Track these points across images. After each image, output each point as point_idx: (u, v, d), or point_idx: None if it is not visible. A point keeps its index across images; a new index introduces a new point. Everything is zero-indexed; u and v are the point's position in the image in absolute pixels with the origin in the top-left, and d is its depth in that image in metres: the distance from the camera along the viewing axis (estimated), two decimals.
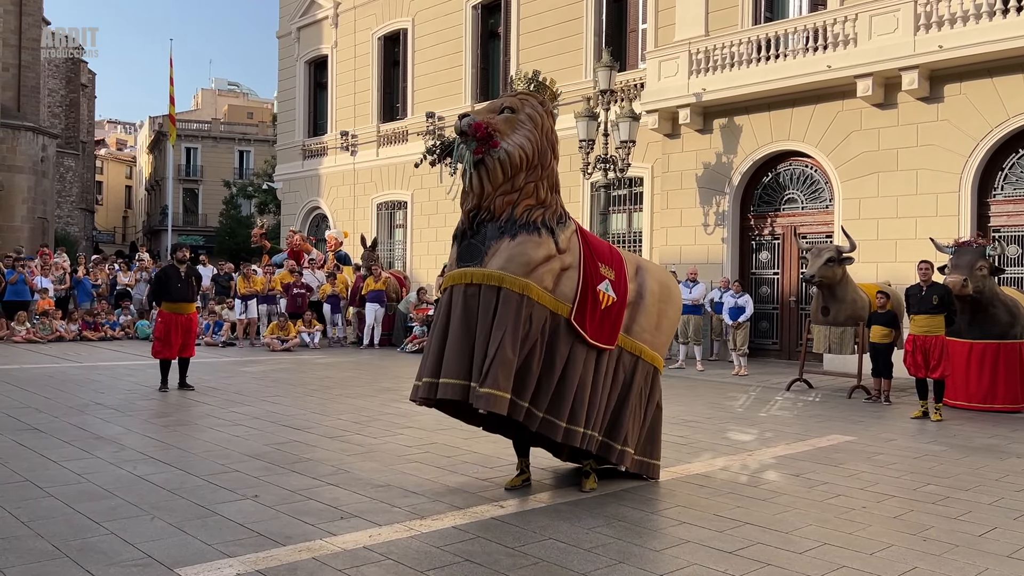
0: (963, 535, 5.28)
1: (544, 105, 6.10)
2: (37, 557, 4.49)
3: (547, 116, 6.07)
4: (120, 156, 77.52)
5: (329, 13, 26.57)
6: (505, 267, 5.61)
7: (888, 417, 10.09)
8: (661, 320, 6.48)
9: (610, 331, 6.02)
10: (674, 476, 6.71)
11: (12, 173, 32.47)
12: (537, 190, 5.85)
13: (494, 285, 5.58)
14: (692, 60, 16.23)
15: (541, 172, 5.89)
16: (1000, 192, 13.51)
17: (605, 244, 6.44)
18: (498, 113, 5.92)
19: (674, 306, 6.69)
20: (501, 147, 5.68)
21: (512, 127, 5.85)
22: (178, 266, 11.04)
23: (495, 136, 5.69)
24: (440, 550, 4.77)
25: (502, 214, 5.74)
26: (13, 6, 33.26)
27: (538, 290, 5.65)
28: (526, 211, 5.77)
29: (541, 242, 5.73)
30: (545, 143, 5.95)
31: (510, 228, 5.72)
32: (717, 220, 16.63)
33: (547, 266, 5.75)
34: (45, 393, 10.27)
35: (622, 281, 6.18)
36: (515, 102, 5.99)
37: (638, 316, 6.28)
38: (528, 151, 5.78)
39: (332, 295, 18.64)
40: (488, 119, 5.80)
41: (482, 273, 5.64)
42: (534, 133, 5.88)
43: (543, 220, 5.80)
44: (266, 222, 27.12)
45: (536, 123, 5.94)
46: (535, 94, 6.12)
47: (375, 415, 9.32)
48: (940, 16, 13.25)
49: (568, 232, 5.98)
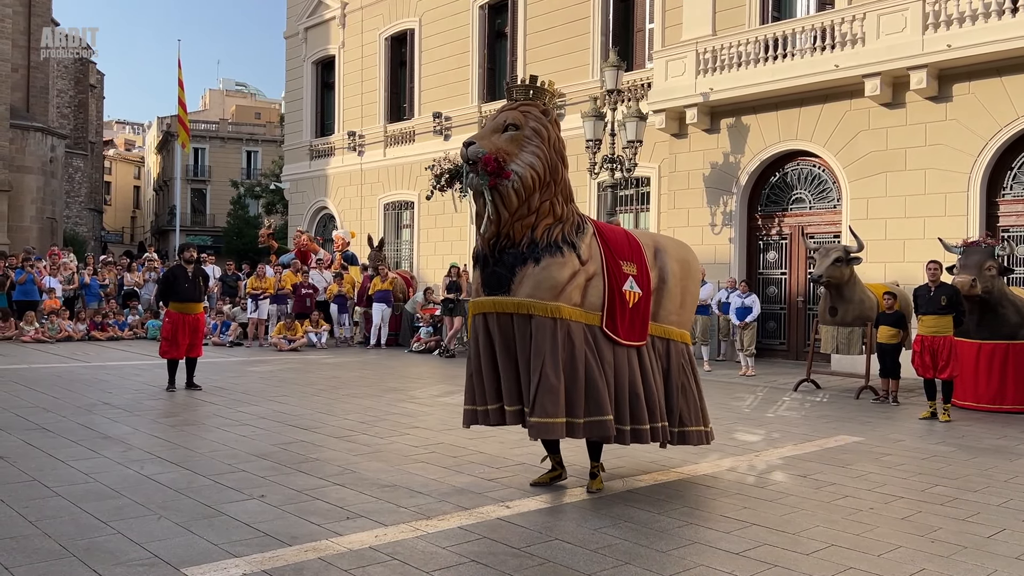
0: (972, 536, 5.25)
1: (547, 114, 5.97)
2: (44, 556, 4.50)
3: (552, 125, 5.95)
4: (128, 156, 77.76)
5: (336, 13, 26.60)
6: (534, 294, 5.66)
7: (896, 418, 10.05)
8: (685, 297, 6.58)
9: (641, 327, 6.13)
10: (681, 477, 6.69)
11: (21, 173, 32.58)
12: (553, 207, 5.80)
13: (525, 314, 5.66)
14: (699, 60, 16.19)
15: (555, 188, 5.82)
16: (1009, 192, 13.44)
17: (622, 234, 6.39)
18: (502, 132, 5.80)
19: (694, 280, 6.78)
20: (513, 175, 5.63)
21: (519, 145, 5.75)
22: (186, 266, 11.07)
23: (506, 167, 5.63)
24: (446, 550, 4.76)
25: (522, 239, 5.73)
26: (22, 7, 33.39)
27: (569, 309, 5.72)
28: (545, 231, 5.74)
29: (565, 262, 5.73)
30: (554, 156, 5.85)
31: (532, 253, 5.71)
32: (724, 220, 16.59)
33: (574, 283, 5.77)
34: (53, 393, 10.31)
35: (644, 273, 6.20)
36: (518, 117, 5.85)
37: (663, 301, 6.36)
38: (539, 170, 5.71)
39: (339, 295, 18.68)
40: (495, 145, 5.69)
41: (513, 303, 5.71)
42: (542, 148, 5.78)
43: (563, 237, 5.78)
44: (273, 222, 27.17)
45: (543, 136, 5.83)
46: (536, 103, 5.98)
47: (382, 415, 9.32)
48: (948, 15, 13.19)
49: (587, 239, 5.97)
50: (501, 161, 5.62)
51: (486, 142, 5.70)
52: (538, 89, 6.08)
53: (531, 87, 6.06)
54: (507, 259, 5.76)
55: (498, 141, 5.73)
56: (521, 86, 6.08)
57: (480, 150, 5.63)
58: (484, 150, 5.63)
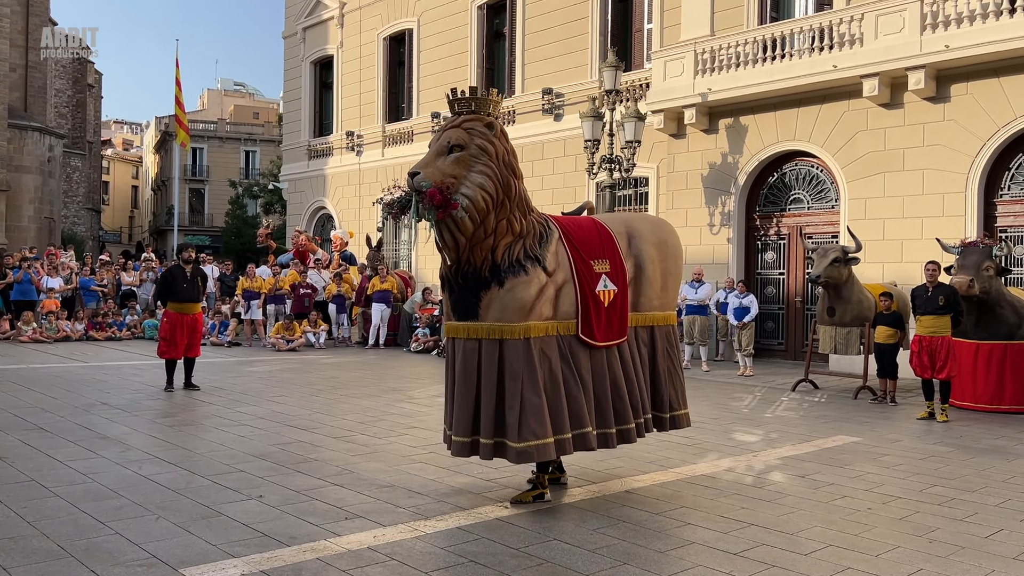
0: (969, 537, 5.26)
1: (492, 127, 5.60)
2: (42, 557, 4.50)
3: (498, 138, 5.60)
4: (126, 156, 77.68)
5: (335, 13, 26.59)
6: (502, 317, 5.52)
7: (894, 418, 10.06)
8: (666, 279, 6.46)
9: (619, 324, 6.03)
10: (679, 477, 6.70)
11: (19, 173, 32.55)
12: (511, 224, 5.56)
13: (496, 338, 5.55)
14: (698, 60, 16.20)
15: (510, 205, 5.55)
16: (1007, 192, 13.45)
17: (591, 229, 6.15)
18: (446, 154, 5.48)
19: (674, 258, 6.61)
20: (461, 205, 5.34)
21: (467, 167, 5.45)
22: (184, 266, 11.06)
23: (453, 197, 5.34)
24: (444, 551, 4.77)
25: (483, 262, 5.53)
26: (20, 7, 33.35)
27: (540, 325, 5.62)
28: (506, 251, 5.53)
29: (530, 279, 5.54)
30: (506, 172, 5.55)
31: (495, 276, 5.52)
32: (723, 220, 16.60)
33: (543, 297, 5.63)
34: (51, 393, 10.30)
35: (618, 267, 6.06)
36: (461, 137, 5.50)
37: (643, 289, 6.26)
38: (491, 190, 5.43)
39: (337, 295, 18.67)
40: (441, 172, 5.39)
41: (484, 328, 5.57)
42: (491, 166, 5.48)
43: (525, 253, 5.57)
44: (272, 222, 27.18)
45: (490, 153, 5.50)
46: (479, 116, 5.61)
47: (380, 415, 9.32)
48: (947, 16, 13.19)
49: (552, 247, 5.75)
50: (446, 192, 5.34)
51: (431, 170, 5.40)
52: (480, 100, 5.70)
53: (472, 99, 5.69)
54: (471, 284, 5.59)
55: (444, 166, 5.43)
56: (462, 99, 5.71)
57: (424, 182, 5.35)
58: (428, 182, 5.34)
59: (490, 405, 5.53)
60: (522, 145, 20.61)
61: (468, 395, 5.61)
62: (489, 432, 5.56)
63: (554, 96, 19.90)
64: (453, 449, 5.74)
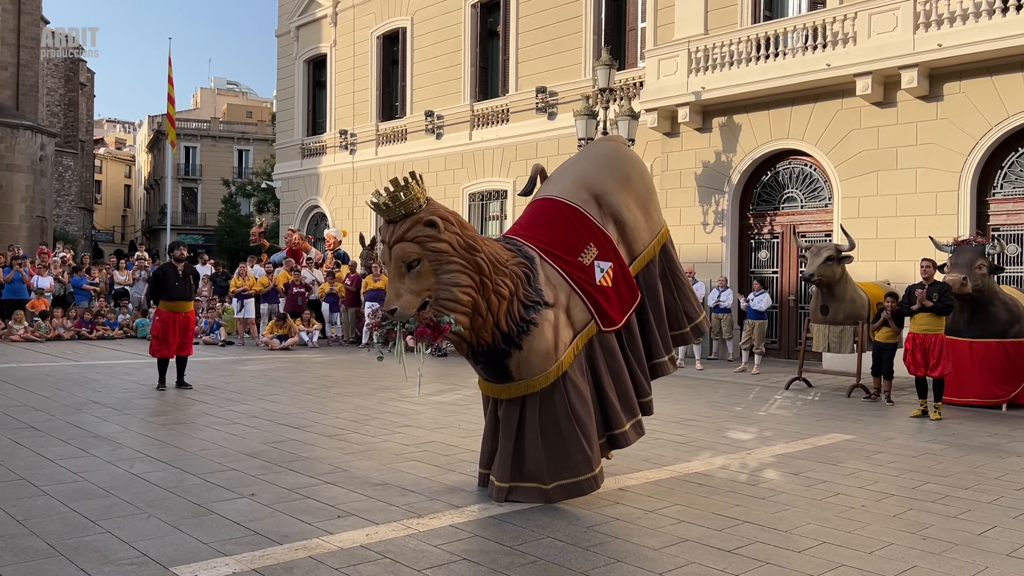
0: (963, 534, 5.26)
1: (434, 224, 5.25)
2: (32, 556, 4.47)
3: (446, 222, 5.32)
4: (119, 155, 77.43)
5: (328, 12, 26.54)
6: (533, 372, 5.62)
7: (887, 416, 10.08)
8: (646, 207, 6.53)
9: (628, 292, 6.14)
10: (673, 475, 6.69)
11: (11, 172, 32.41)
12: (499, 293, 5.45)
13: (536, 392, 5.68)
14: (691, 59, 16.20)
15: (490, 279, 5.40)
16: (999, 191, 13.49)
17: (561, 219, 6.06)
18: (407, 273, 5.25)
19: (642, 180, 6.62)
20: (451, 328, 5.29)
21: (432, 274, 5.27)
22: (176, 264, 11.01)
23: (441, 321, 5.24)
24: (438, 549, 4.75)
25: (494, 338, 5.54)
26: (12, 5, 33.22)
27: (568, 354, 5.72)
28: (508, 318, 5.51)
29: (541, 327, 5.59)
30: (470, 255, 5.32)
31: (510, 342, 5.56)
32: (716, 219, 16.61)
33: (560, 325, 5.71)
34: (42, 391, 10.25)
35: (604, 242, 6.09)
36: (412, 251, 5.22)
37: (631, 235, 6.31)
38: (467, 282, 5.29)
39: (331, 294, 18.63)
40: (413, 296, 5.23)
41: (522, 386, 5.69)
42: (455, 260, 5.28)
43: (525, 305, 5.57)
44: (265, 221, 27.12)
45: (446, 250, 5.26)
46: (416, 215, 5.25)
47: (373, 414, 9.29)
48: (939, 15, 13.22)
49: (541, 276, 5.73)
50: (431, 323, 5.23)
51: (404, 300, 5.22)
52: (407, 201, 5.23)
53: (400, 204, 5.22)
54: (493, 358, 5.65)
55: (413, 287, 5.25)
56: (392, 205, 5.23)
57: (407, 317, 5.22)
58: (411, 318, 5.21)
59: (538, 448, 5.69)
60: (516, 144, 20.63)
61: (508, 444, 5.80)
62: (544, 477, 5.66)
63: (548, 95, 19.89)
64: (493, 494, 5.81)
